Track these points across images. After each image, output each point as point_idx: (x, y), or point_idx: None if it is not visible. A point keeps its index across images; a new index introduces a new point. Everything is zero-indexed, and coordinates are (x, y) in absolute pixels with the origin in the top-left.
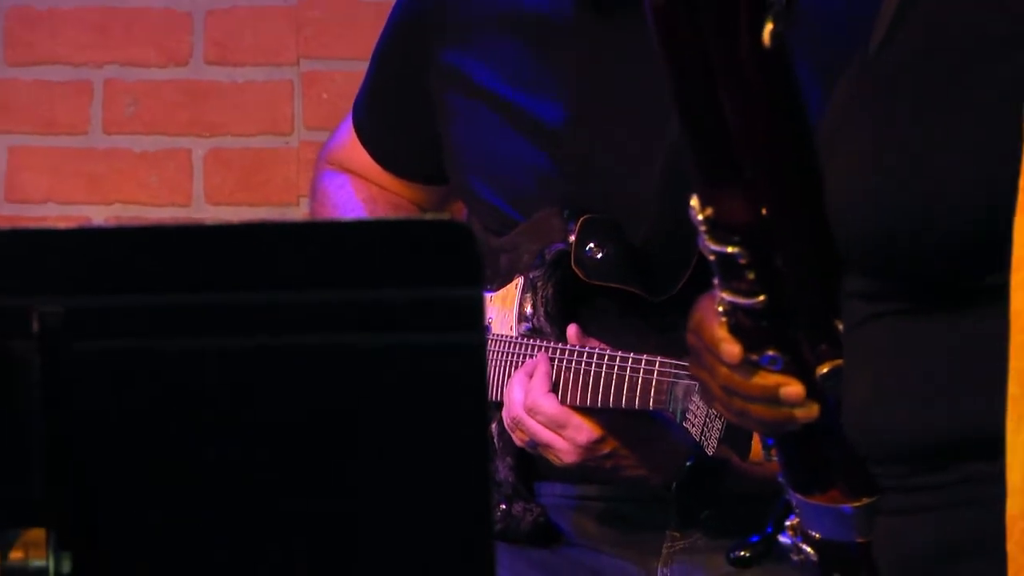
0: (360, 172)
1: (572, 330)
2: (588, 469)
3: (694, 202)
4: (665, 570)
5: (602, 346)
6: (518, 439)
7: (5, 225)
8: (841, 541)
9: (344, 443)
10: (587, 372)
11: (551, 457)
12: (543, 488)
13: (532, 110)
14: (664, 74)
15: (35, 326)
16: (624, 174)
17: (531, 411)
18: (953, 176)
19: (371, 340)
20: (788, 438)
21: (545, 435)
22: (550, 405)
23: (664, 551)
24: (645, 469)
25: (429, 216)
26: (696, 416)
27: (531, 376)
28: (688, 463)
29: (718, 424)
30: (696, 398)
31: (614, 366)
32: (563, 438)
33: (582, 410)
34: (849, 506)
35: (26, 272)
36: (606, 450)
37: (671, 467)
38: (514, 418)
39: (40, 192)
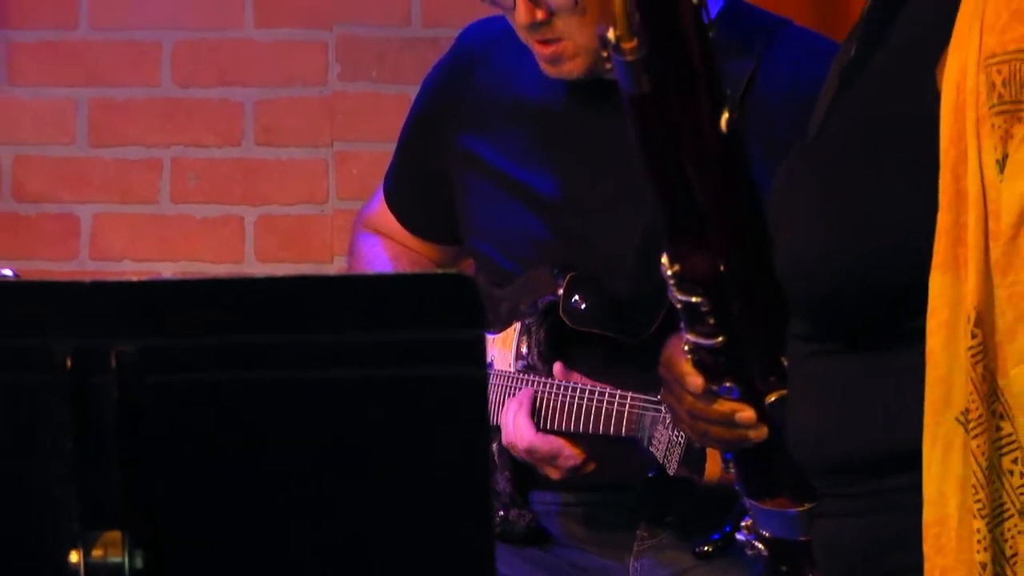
0: (389, 234)
1: (557, 367)
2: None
3: (664, 260)
4: (636, 563)
5: (584, 381)
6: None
7: (88, 278)
8: (787, 538)
9: (371, 457)
10: (570, 403)
11: (552, 472)
12: (535, 497)
13: (532, 185)
14: (639, 154)
15: (113, 363)
16: (606, 239)
17: (529, 451)
18: (879, 240)
19: (393, 373)
20: (743, 454)
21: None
22: (542, 442)
23: (635, 548)
24: (617, 482)
25: (441, 271)
26: (660, 442)
27: (520, 406)
28: (650, 474)
29: (678, 449)
30: (660, 427)
31: (593, 398)
32: (555, 467)
33: (567, 436)
34: (794, 510)
35: (106, 317)
36: (588, 470)
37: (639, 480)
38: (511, 444)
39: (118, 251)
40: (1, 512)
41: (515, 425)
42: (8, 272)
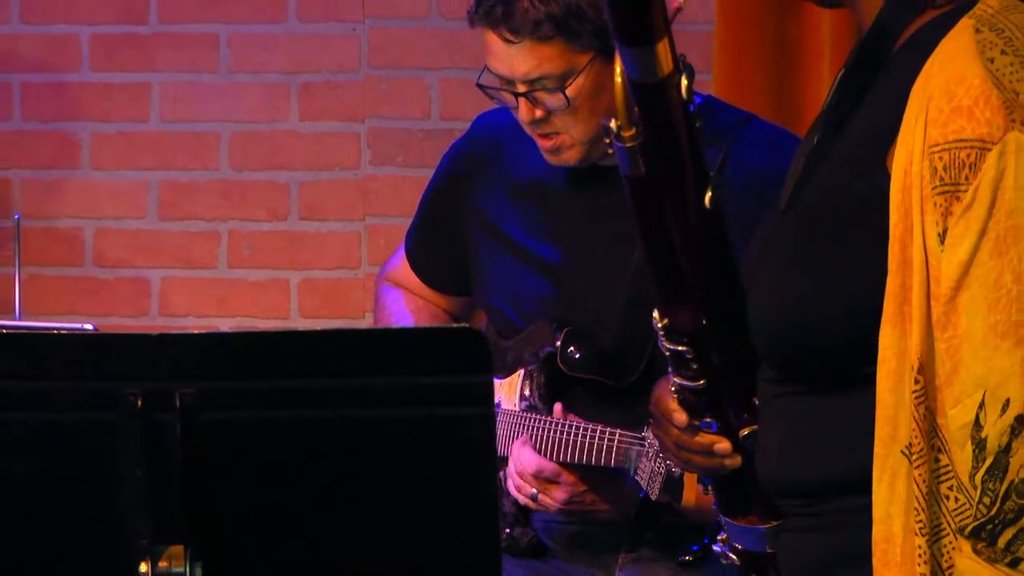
0: (408, 287)
1: (557, 407)
2: (571, 506)
3: (655, 314)
4: (621, 573)
5: (579, 420)
6: (522, 500)
7: (156, 332)
8: (756, 551)
9: (396, 483)
10: (568, 438)
11: (548, 503)
12: (536, 517)
13: (537, 251)
14: (632, 225)
15: (177, 403)
16: (598, 298)
17: (536, 473)
18: (836, 301)
19: (414, 412)
20: (720, 479)
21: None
22: (546, 464)
23: (620, 561)
24: (608, 505)
25: (456, 325)
26: (644, 471)
27: (525, 443)
28: (640, 497)
29: (660, 478)
30: (644, 459)
31: (587, 434)
32: (557, 487)
33: (564, 465)
34: (762, 527)
35: (171, 364)
36: (588, 498)
37: (626, 505)
38: (521, 473)
39: (183, 309)
40: (82, 529)
41: (521, 455)
42: (89, 327)
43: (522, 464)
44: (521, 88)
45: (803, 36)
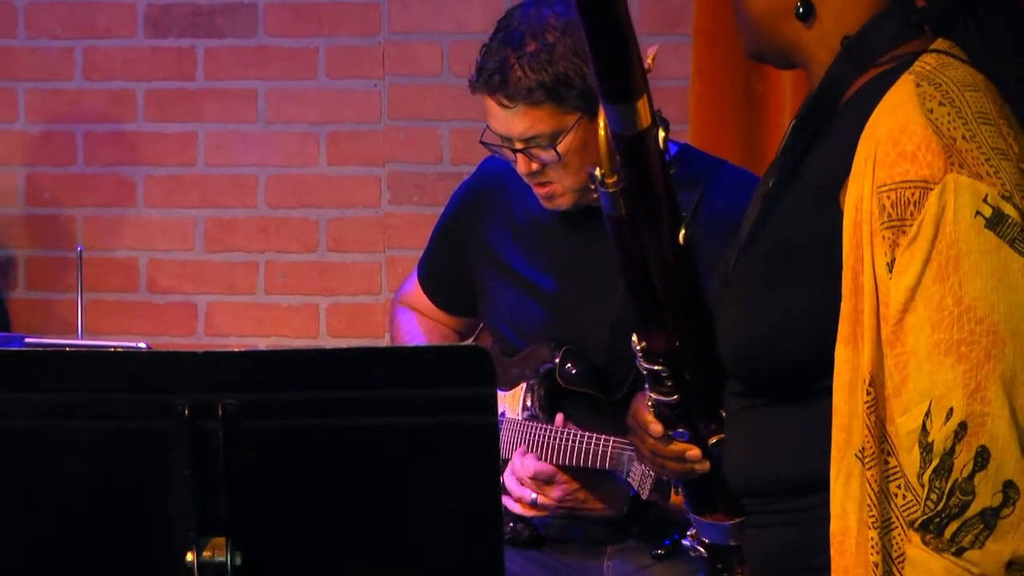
0: (420, 309)
1: (559, 418)
2: (565, 503)
3: (634, 338)
4: (609, 562)
5: (576, 428)
6: (521, 509)
7: (202, 350)
8: (722, 544)
9: (411, 482)
10: (567, 444)
11: (545, 502)
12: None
13: (535, 281)
14: (617, 260)
15: (219, 412)
16: (591, 322)
17: (534, 475)
18: (794, 324)
19: (428, 420)
20: (691, 482)
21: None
22: (544, 467)
23: (608, 550)
24: (601, 503)
25: (464, 344)
26: (635, 474)
27: (524, 453)
28: (629, 499)
29: (649, 480)
30: (635, 464)
31: (584, 441)
32: (553, 487)
33: (563, 468)
34: (727, 523)
35: (215, 378)
36: (580, 496)
37: (618, 503)
38: (520, 479)
39: (226, 330)
40: (136, 523)
41: (521, 462)
42: (142, 345)
43: (521, 469)
44: (518, 145)
45: (768, 90)
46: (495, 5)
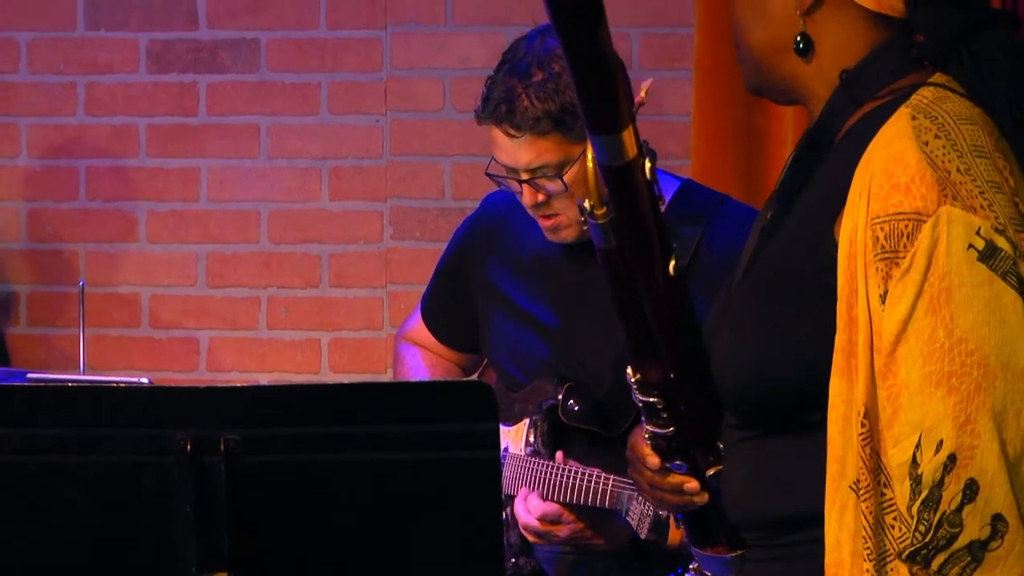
0: (424, 344)
1: (559, 455)
2: (572, 541)
3: (629, 370)
4: None
5: (577, 465)
6: (531, 538)
7: (204, 385)
8: None
9: (413, 517)
10: (567, 482)
11: (553, 539)
12: (537, 548)
13: (537, 316)
14: (609, 292)
15: (222, 447)
16: (591, 358)
17: (541, 517)
18: (790, 356)
19: (430, 455)
20: (690, 515)
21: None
22: (550, 507)
23: None
24: (603, 540)
25: (466, 379)
26: (634, 512)
27: (530, 493)
28: (630, 537)
29: (648, 520)
30: (635, 502)
31: (584, 478)
32: (559, 527)
33: (565, 505)
34: (729, 555)
35: (217, 413)
36: (587, 533)
37: (619, 540)
38: (525, 526)
39: (228, 365)
40: (138, 558)
41: (527, 503)
42: (145, 380)
43: (529, 510)
44: (524, 176)
45: (769, 125)
46: (497, 41)
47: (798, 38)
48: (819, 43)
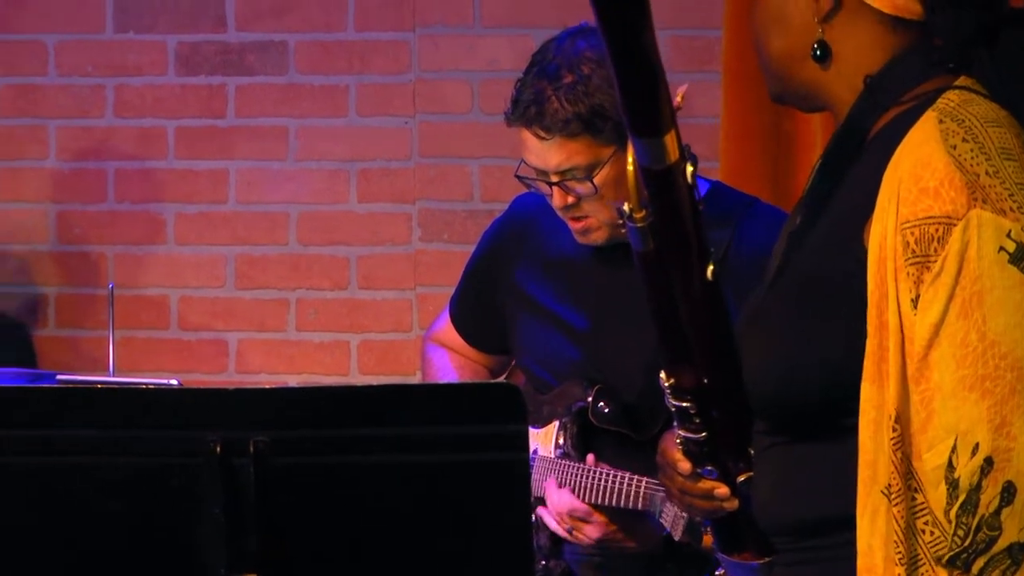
0: (452, 346)
1: (590, 458)
2: (603, 543)
3: (662, 374)
4: None
5: (608, 467)
6: (562, 534)
7: (233, 387)
8: None
9: (442, 518)
10: (599, 484)
11: (582, 539)
12: (567, 550)
13: (566, 319)
14: (646, 296)
15: (251, 449)
16: (623, 359)
17: (571, 512)
18: (819, 361)
19: (459, 457)
20: (719, 520)
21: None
22: (579, 504)
23: None
24: (635, 543)
25: (495, 381)
26: (667, 515)
27: (561, 487)
28: (663, 536)
29: (682, 522)
30: (668, 505)
31: (616, 481)
32: (589, 525)
33: (596, 507)
34: (756, 562)
35: (246, 415)
36: (618, 536)
37: (650, 542)
38: (558, 514)
39: (256, 366)
40: (166, 561)
41: (559, 496)
42: (174, 382)
43: (557, 503)
44: (554, 178)
45: (797, 128)
46: (525, 43)
47: (815, 45)
48: (839, 49)
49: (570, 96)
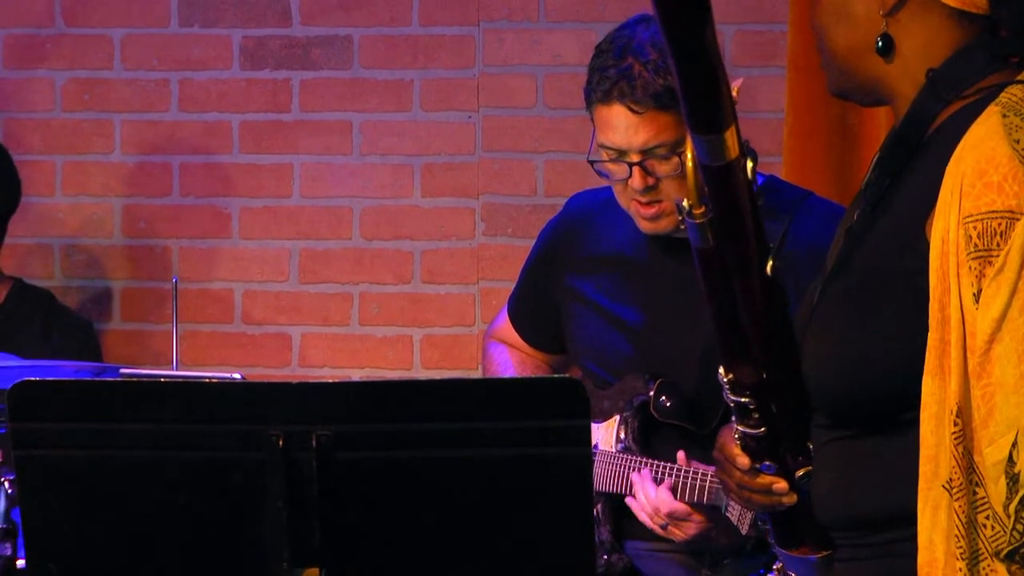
0: (513, 344)
1: (680, 455)
2: (698, 540)
3: (721, 370)
4: None
5: (700, 465)
6: (656, 530)
7: (296, 381)
8: None
9: (504, 513)
10: (692, 483)
11: (677, 535)
12: (629, 544)
13: (623, 316)
14: (704, 293)
15: (313, 443)
16: (678, 355)
17: (671, 514)
18: (881, 356)
19: (521, 451)
20: (777, 515)
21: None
22: (679, 506)
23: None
24: (727, 540)
25: (557, 376)
26: (734, 509)
27: (655, 484)
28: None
29: (749, 516)
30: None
31: (681, 475)
32: (688, 524)
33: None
34: (814, 556)
35: (309, 409)
36: (712, 534)
37: (736, 537)
38: (655, 510)
39: (320, 361)
40: (230, 553)
41: (657, 495)
42: (238, 376)
43: (655, 502)
44: (636, 158)
45: (862, 123)
46: (589, 38)
47: (879, 38)
48: (902, 43)
49: (659, 69)
